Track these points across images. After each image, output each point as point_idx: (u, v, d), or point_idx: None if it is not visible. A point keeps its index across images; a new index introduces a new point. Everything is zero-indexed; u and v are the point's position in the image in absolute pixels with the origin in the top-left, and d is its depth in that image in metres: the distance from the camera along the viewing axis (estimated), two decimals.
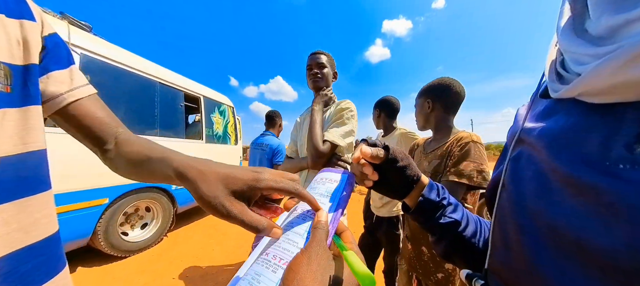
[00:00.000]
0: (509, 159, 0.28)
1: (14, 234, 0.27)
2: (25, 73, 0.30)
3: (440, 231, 0.39)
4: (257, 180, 0.27)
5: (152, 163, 0.33)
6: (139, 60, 2.60)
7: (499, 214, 0.28)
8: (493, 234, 0.29)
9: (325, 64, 1.09)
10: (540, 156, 0.23)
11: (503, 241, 0.26)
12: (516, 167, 0.26)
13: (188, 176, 0.28)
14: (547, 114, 0.25)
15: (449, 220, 0.39)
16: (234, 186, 0.27)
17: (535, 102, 0.29)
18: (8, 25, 0.28)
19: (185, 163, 0.29)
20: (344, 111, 1.02)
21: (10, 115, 0.27)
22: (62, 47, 0.36)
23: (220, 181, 0.27)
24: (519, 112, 0.33)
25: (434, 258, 0.87)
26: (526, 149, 0.26)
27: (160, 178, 0.32)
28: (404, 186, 0.39)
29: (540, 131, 0.24)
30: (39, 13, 0.33)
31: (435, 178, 0.85)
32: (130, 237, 2.49)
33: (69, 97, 0.35)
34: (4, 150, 0.27)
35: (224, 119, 3.94)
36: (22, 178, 0.29)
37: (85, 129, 0.37)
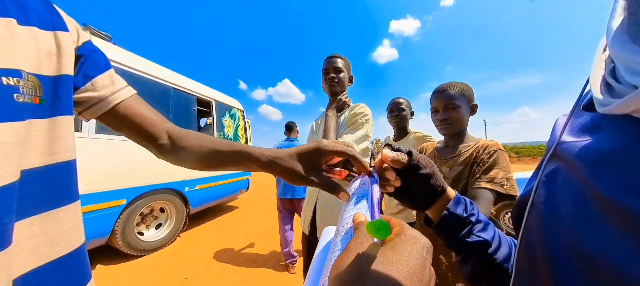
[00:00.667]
0: (542, 175, 0.25)
1: (41, 247, 0.28)
2: (57, 84, 0.30)
3: (466, 251, 0.36)
4: (319, 147, 0.35)
5: (228, 156, 0.40)
6: (155, 67, 2.72)
7: (526, 237, 0.25)
8: (518, 258, 0.26)
9: (341, 69, 1.09)
10: (579, 177, 0.20)
11: (529, 266, 0.24)
12: (551, 186, 0.24)
13: (269, 162, 0.36)
14: (591, 129, 0.22)
15: (478, 239, 0.34)
16: (304, 157, 0.34)
17: (576, 113, 0.26)
18: (40, 37, 0.29)
19: (262, 153, 0.37)
20: (358, 116, 1.01)
21: (38, 126, 0.28)
22: (99, 52, 0.38)
23: (293, 156, 0.35)
24: (558, 123, 0.30)
25: (453, 267, 0.83)
26: (563, 166, 0.23)
27: (240, 167, 0.40)
28: (427, 197, 0.37)
29: (582, 149, 0.21)
30: (72, 23, 0.35)
31: (457, 184, 0.83)
32: (145, 237, 2.59)
33: (114, 99, 0.38)
34: (32, 161, 0.27)
35: (234, 123, 4.03)
36: (50, 189, 0.29)
37: (136, 127, 0.40)
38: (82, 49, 0.35)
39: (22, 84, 0.26)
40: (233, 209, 4.48)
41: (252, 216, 4.02)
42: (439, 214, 0.36)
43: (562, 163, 0.23)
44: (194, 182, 3.06)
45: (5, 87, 0.24)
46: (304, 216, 1.14)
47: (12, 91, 0.25)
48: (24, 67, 0.26)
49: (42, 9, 0.31)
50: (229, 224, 3.59)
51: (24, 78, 0.26)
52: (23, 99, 0.26)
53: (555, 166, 0.24)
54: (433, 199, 0.37)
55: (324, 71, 1.11)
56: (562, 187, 0.22)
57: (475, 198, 0.75)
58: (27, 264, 0.26)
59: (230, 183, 3.82)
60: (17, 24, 0.27)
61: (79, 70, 0.34)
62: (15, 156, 0.24)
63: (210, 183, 3.36)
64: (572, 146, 0.23)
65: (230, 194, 3.94)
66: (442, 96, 0.90)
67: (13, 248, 0.24)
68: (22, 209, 0.26)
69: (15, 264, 0.25)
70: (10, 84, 0.24)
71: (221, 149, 0.40)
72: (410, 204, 0.39)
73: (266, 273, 2.16)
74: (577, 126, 0.24)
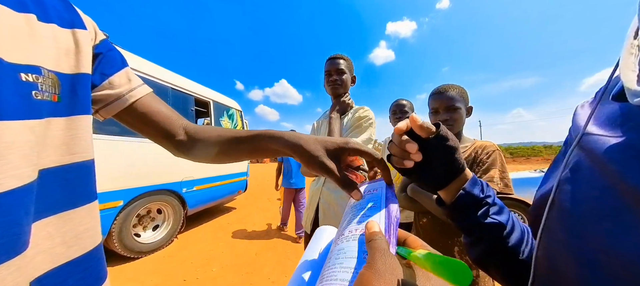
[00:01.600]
0: (566, 170, 0.24)
1: (57, 248, 0.27)
2: (75, 82, 0.30)
3: (479, 232, 0.35)
4: (346, 143, 0.34)
5: (249, 141, 0.40)
6: (152, 66, 2.69)
7: (546, 238, 0.24)
8: (536, 261, 0.25)
9: (344, 70, 1.08)
10: (609, 172, 0.19)
11: (549, 270, 0.23)
12: (576, 182, 0.22)
13: (295, 143, 0.35)
14: (621, 120, 0.21)
15: (493, 222, 0.34)
16: (329, 147, 0.34)
17: (602, 102, 0.25)
18: (59, 34, 0.29)
19: (285, 134, 0.37)
20: (362, 119, 1.02)
21: (56, 124, 0.27)
22: (115, 51, 0.38)
23: (319, 143, 0.34)
24: (578, 112, 0.28)
25: None
26: (589, 160, 0.22)
27: (261, 152, 0.39)
28: (446, 175, 0.35)
29: (613, 142, 0.20)
30: (90, 22, 0.34)
31: None
32: (142, 238, 2.55)
33: (131, 96, 0.38)
34: (50, 161, 0.26)
35: (232, 123, 4.01)
36: (67, 189, 0.28)
37: (153, 125, 0.40)
38: (100, 47, 0.35)
39: (41, 81, 0.25)
40: (231, 210, 4.45)
41: (250, 217, 3.99)
42: (454, 195, 0.35)
43: (588, 156, 0.22)
44: (192, 183, 3.04)
45: (24, 83, 0.24)
46: (306, 215, 1.14)
47: (31, 88, 0.24)
48: (44, 63, 0.26)
49: (60, 6, 0.31)
50: (226, 225, 3.57)
51: (43, 75, 0.25)
52: (42, 97, 0.25)
53: (579, 159, 0.23)
54: (452, 177, 0.35)
55: (327, 73, 1.10)
56: (589, 183, 0.21)
57: None
58: (43, 266, 0.26)
59: (228, 184, 3.79)
60: (36, 19, 0.26)
61: (96, 68, 0.34)
62: (33, 155, 0.24)
63: (208, 183, 3.34)
64: (601, 140, 0.21)
65: (228, 195, 3.91)
66: (443, 97, 0.91)
67: (30, 250, 0.24)
68: (39, 209, 0.25)
69: (33, 266, 0.24)
70: (29, 80, 0.24)
71: (241, 136, 0.40)
72: (425, 182, 0.37)
73: (265, 274, 2.15)
74: (604, 117, 0.23)
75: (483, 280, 0.80)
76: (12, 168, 0.22)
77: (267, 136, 0.38)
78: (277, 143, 0.37)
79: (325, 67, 1.12)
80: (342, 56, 1.10)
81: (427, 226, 0.90)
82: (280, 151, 0.37)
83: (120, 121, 0.39)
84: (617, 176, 0.18)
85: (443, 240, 0.85)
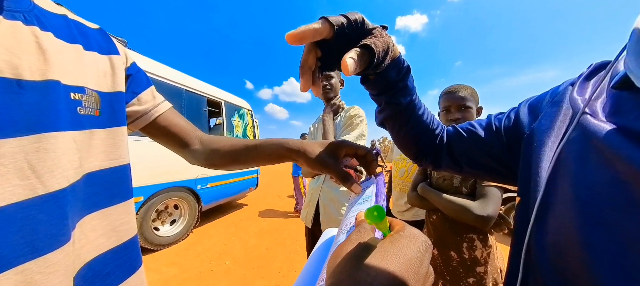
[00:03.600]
0: (563, 154, 0.23)
1: (100, 239, 0.32)
2: (112, 99, 0.35)
3: (384, 104, 0.40)
4: (342, 142, 0.38)
5: (255, 150, 0.44)
6: (167, 70, 2.83)
7: (552, 219, 0.23)
8: (537, 248, 0.24)
9: (332, 75, 1.18)
10: (613, 157, 0.19)
11: (556, 256, 0.22)
12: (580, 169, 0.21)
13: (297, 149, 0.40)
14: (625, 107, 0.21)
15: (397, 102, 0.38)
16: (328, 148, 0.38)
17: (601, 89, 0.24)
18: (99, 60, 0.35)
19: (292, 141, 0.41)
20: (353, 118, 1.12)
21: (98, 135, 0.33)
22: (142, 72, 0.44)
23: (318, 146, 0.38)
24: (571, 90, 0.28)
25: (464, 263, 0.84)
26: (593, 147, 0.21)
27: (267, 159, 0.44)
28: None
29: (619, 130, 0.20)
30: (122, 48, 0.41)
31: (466, 182, 0.87)
32: (161, 232, 2.72)
33: (155, 112, 0.43)
34: (94, 165, 0.32)
35: (243, 122, 4.13)
36: (108, 189, 0.33)
37: (172, 136, 0.46)
38: (130, 69, 0.41)
39: (84, 99, 0.31)
40: (242, 206, 4.60)
41: (260, 214, 4.12)
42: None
43: (591, 142, 0.21)
44: (206, 180, 3.18)
45: (72, 101, 0.29)
46: (307, 211, 1.22)
47: (77, 105, 0.30)
48: (88, 84, 0.32)
49: (99, 36, 0.37)
50: (238, 221, 3.70)
51: (87, 94, 0.31)
52: (85, 112, 0.31)
53: (583, 146, 0.22)
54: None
55: None
56: (597, 171, 0.20)
57: (485, 196, 0.78)
58: (89, 254, 0.30)
59: (239, 181, 3.93)
60: (83, 49, 0.33)
61: (128, 87, 0.40)
62: (76, 160, 0.29)
63: (221, 181, 3.47)
64: (605, 128, 0.20)
65: (240, 192, 4.05)
66: (455, 96, 0.94)
67: (79, 241, 0.29)
68: (86, 206, 0.31)
69: (81, 254, 0.29)
70: (76, 98, 0.30)
71: (250, 145, 0.45)
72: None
73: (275, 268, 2.24)
74: (607, 103, 0.23)
75: (487, 273, 0.81)
76: (62, 171, 0.27)
77: (273, 144, 0.42)
78: (281, 149, 0.42)
79: None
80: None
81: (437, 223, 0.92)
82: (285, 157, 0.42)
83: (145, 133, 0.45)
84: (629, 167, 0.18)
85: (452, 237, 0.87)
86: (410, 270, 0.17)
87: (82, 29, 0.35)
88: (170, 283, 2.00)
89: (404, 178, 1.43)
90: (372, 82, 0.36)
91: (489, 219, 0.75)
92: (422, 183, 0.97)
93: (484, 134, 0.41)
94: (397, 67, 0.34)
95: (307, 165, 0.38)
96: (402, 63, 0.34)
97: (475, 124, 0.44)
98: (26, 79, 0.25)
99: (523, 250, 0.24)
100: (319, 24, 0.26)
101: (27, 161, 0.24)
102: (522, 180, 0.30)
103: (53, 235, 0.26)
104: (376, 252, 0.18)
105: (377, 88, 0.37)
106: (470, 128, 0.43)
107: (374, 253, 0.18)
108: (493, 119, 0.42)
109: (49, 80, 0.27)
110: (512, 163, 0.37)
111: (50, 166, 0.26)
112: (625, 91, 0.21)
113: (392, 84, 0.35)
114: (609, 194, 0.19)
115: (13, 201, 0.23)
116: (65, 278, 0.26)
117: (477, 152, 0.42)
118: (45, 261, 0.25)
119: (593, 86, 0.26)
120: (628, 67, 0.20)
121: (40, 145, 0.25)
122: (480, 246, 0.82)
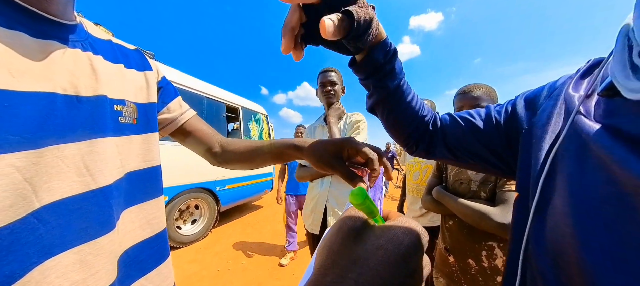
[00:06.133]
0: (562, 144, 0.23)
1: (136, 230, 0.36)
2: (147, 109, 0.41)
3: (373, 89, 0.40)
4: (347, 142, 0.37)
5: (267, 151, 0.47)
6: (190, 79, 3.02)
7: (549, 218, 0.23)
8: (539, 242, 0.23)
9: (336, 81, 1.22)
10: (606, 159, 0.19)
11: (554, 251, 0.22)
12: (578, 168, 0.22)
13: (302, 147, 0.42)
14: (616, 112, 0.21)
15: (384, 85, 0.38)
16: (331, 147, 0.38)
17: (595, 86, 0.24)
18: (137, 76, 0.41)
19: (296, 141, 0.43)
20: (359, 123, 1.18)
21: (136, 140, 0.38)
22: (170, 84, 0.49)
23: (322, 145, 0.39)
24: (567, 86, 0.28)
25: (484, 271, 0.79)
26: (588, 147, 0.21)
27: (278, 158, 0.47)
28: None
29: (611, 133, 0.20)
30: (154, 64, 0.46)
31: (485, 187, 0.82)
32: (183, 231, 2.88)
33: (181, 119, 0.49)
34: (132, 166, 0.37)
35: (259, 127, 4.28)
36: (144, 187, 0.38)
37: (197, 140, 0.51)
38: (161, 82, 0.47)
39: (124, 109, 0.36)
40: (258, 208, 4.72)
41: (275, 215, 4.19)
42: (362, 57, 0.36)
43: (584, 142, 0.22)
44: (224, 182, 3.32)
45: (115, 111, 0.35)
46: (314, 217, 1.20)
47: (118, 115, 0.35)
48: (128, 97, 0.38)
49: (136, 56, 0.43)
50: (254, 222, 3.81)
51: (126, 105, 0.37)
52: (124, 121, 0.36)
53: (577, 146, 0.22)
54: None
55: (321, 84, 1.24)
56: (592, 172, 0.20)
57: (507, 201, 0.73)
58: (128, 242, 0.35)
59: (256, 184, 4.05)
60: (124, 68, 0.39)
61: (159, 98, 0.46)
62: (118, 161, 0.34)
63: (238, 183, 3.61)
64: (598, 129, 0.21)
65: (256, 194, 4.17)
66: (468, 96, 0.90)
67: (120, 231, 0.34)
68: (127, 201, 0.36)
69: (122, 242, 0.34)
70: (118, 109, 0.36)
71: (262, 145, 0.49)
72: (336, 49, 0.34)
73: (290, 269, 2.28)
74: (601, 102, 0.23)
75: None
76: (109, 170, 0.32)
77: (283, 144, 0.46)
78: (289, 148, 0.44)
79: (320, 79, 1.25)
80: (333, 69, 1.25)
81: (453, 228, 0.88)
82: (293, 155, 0.44)
83: (173, 137, 0.50)
84: (621, 169, 0.18)
85: (470, 243, 0.82)
86: (410, 257, 0.17)
87: (123, 51, 0.41)
88: (191, 279, 2.11)
89: (418, 181, 1.40)
90: (360, 64, 0.37)
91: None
92: (438, 186, 0.93)
93: (483, 126, 0.40)
94: (384, 49, 0.35)
95: (312, 163, 0.39)
96: (389, 46, 0.35)
97: (474, 113, 0.42)
98: (83, 95, 0.30)
99: (521, 248, 0.24)
100: None
101: (83, 162, 0.29)
102: (521, 176, 0.29)
103: (102, 223, 0.31)
104: (373, 231, 0.18)
105: (365, 71, 0.37)
106: (469, 117, 0.42)
107: (363, 234, 0.18)
108: (493, 110, 0.40)
109: (99, 95, 0.32)
110: (510, 158, 0.36)
111: (100, 166, 0.31)
112: (610, 99, 0.21)
113: (379, 67, 0.36)
114: (603, 195, 0.19)
115: (73, 194, 0.28)
116: (110, 259, 0.31)
117: (473, 143, 0.40)
118: (95, 244, 0.29)
119: (587, 84, 0.26)
120: (614, 74, 0.20)
121: (92, 148, 0.31)
122: (501, 254, 0.77)
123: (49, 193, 0.26)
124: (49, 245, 0.25)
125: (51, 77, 0.27)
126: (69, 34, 0.31)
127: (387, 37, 0.35)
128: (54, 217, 0.26)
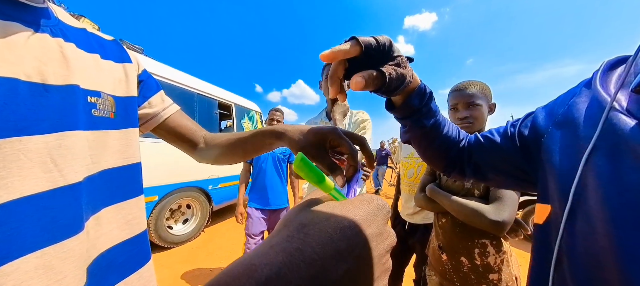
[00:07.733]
0: (595, 149, 0.22)
1: (114, 231, 0.34)
2: (126, 103, 0.38)
3: (409, 126, 0.42)
4: (330, 132, 0.34)
5: (248, 140, 0.44)
6: (181, 74, 2.94)
7: (583, 224, 0.22)
8: (572, 234, 0.23)
9: None
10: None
11: (586, 242, 0.21)
12: (615, 165, 0.21)
13: (281, 133, 0.38)
14: None
15: (421, 124, 0.41)
16: (313, 137, 0.35)
17: (626, 82, 0.23)
18: (114, 67, 0.38)
19: (276, 127, 0.40)
20: (365, 122, 1.21)
21: (113, 135, 0.35)
22: (152, 77, 0.47)
23: (304, 134, 0.36)
24: (595, 81, 0.27)
25: (476, 268, 0.80)
26: (625, 146, 0.20)
27: (259, 148, 0.44)
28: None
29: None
30: (134, 56, 0.44)
31: (480, 184, 0.82)
32: (174, 230, 2.81)
33: (164, 114, 0.46)
34: (109, 163, 0.34)
35: (252, 125, 4.21)
36: (122, 185, 0.36)
37: (180, 136, 0.49)
38: (142, 76, 0.44)
39: (99, 102, 0.33)
40: None
41: None
42: (400, 101, 0.39)
43: (622, 140, 0.21)
44: (217, 181, 3.26)
45: (89, 103, 0.32)
46: None
47: (92, 107, 0.32)
48: (105, 89, 0.35)
49: (114, 47, 0.40)
50: None
51: (103, 97, 0.34)
52: (99, 114, 0.33)
53: (613, 144, 0.22)
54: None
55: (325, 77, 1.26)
56: (632, 172, 0.20)
57: (501, 199, 0.73)
58: (104, 244, 0.32)
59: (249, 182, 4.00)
60: (100, 58, 0.36)
61: (139, 91, 0.43)
62: (87, 158, 0.31)
63: (231, 181, 3.55)
64: (635, 126, 0.20)
65: None
66: (462, 94, 0.89)
67: (95, 231, 0.31)
68: (103, 200, 0.33)
69: (97, 244, 0.31)
70: (92, 101, 0.32)
71: (243, 136, 0.46)
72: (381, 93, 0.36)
73: None
74: (632, 98, 0.22)
75: (501, 280, 0.77)
76: (79, 166, 0.29)
77: (261, 133, 0.42)
78: (270, 137, 0.40)
79: (325, 72, 1.28)
80: None
81: (446, 226, 0.89)
82: (274, 144, 0.40)
83: (156, 134, 0.47)
84: None
85: (463, 242, 0.83)
86: (366, 223, 0.16)
87: (99, 41, 0.38)
88: (183, 279, 2.07)
89: (413, 179, 1.39)
90: (398, 109, 0.40)
91: (505, 225, 0.68)
92: (431, 184, 0.93)
93: (500, 140, 0.43)
94: (420, 95, 0.38)
95: (292, 150, 0.36)
96: (424, 90, 0.38)
97: (493, 131, 0.46)
98: (51, 84, 0.27)
99: (552, 261, 0.23)
100: (348, 45, 0.30)
101: (50, 156, 0.27)
102: (545, 184, 0.28)
103: (69, 224, 0.28)
104: (327, 206, 0.18)
105: (402, 113, 0.40)
106: (489, 136, 0.46)
107: (324, 206, 0.18)
108: (509, 125, 0.43)
109: (69, 85, 0.29)
110: (528, 168, 0.37)
111: (70, 161, 0.28)
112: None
113: (416, 110, 0.39)
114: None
115: (37, 192, 0.25)
116: (79, 264, 0.28)
117: (495, 159, 0.43)
118: (62, 247, 0.27)
119: (617, 80, 0.25)
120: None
121: (61, 142, 0.28)
122: (494, 252, 0.78)
123: (6, 190, 0.23)
124: (6, 249, 0.23)
125: (12, 61, 0.24)
126: (36, 17, 0.28)
127: (421, 82, 0.38)
128: (13, 217, 0.23)
